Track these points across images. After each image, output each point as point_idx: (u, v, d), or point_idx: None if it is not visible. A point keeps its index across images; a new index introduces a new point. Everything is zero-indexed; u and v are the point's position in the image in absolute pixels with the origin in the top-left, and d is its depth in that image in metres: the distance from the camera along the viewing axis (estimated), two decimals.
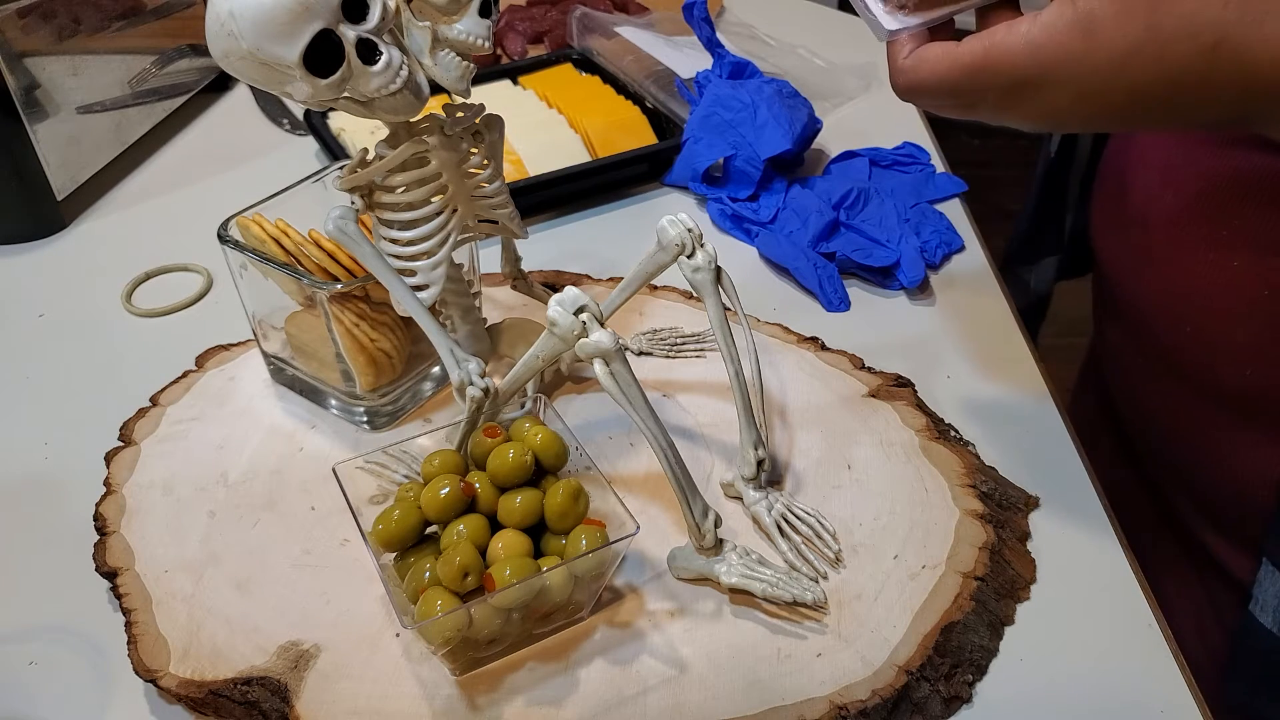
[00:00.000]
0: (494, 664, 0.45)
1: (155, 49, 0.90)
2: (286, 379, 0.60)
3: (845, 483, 0.53)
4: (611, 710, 0.43)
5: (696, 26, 0.82)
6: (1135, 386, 0.65)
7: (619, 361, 0.44)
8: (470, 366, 0.51)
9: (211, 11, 0.42)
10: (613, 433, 0.57)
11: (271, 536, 0.51)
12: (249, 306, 0.58)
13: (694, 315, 0.66)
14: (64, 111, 0.79)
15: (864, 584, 0.48)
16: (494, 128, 0.53)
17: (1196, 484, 0.62)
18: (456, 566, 0.42)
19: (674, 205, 0.81)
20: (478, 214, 0.53)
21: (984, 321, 0.66)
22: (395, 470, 0.51)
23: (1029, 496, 0.53)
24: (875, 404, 0.58)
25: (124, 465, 0.56)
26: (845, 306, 0.68)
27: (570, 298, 0.45)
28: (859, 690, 0.43)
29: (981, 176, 0.91)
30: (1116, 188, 0.63)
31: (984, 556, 0.49)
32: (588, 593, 0.46)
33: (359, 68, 0.44)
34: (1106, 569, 0.50)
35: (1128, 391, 0.67)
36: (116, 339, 0.68)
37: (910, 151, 0.84)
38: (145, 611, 0.47)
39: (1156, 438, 0.64)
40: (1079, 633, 0.47)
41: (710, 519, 0.47)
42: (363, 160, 0.50)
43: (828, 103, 0.93)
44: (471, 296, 0.57)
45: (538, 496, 0.46)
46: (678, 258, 0.51)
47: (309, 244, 0.55)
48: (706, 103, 0.80)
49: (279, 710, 0.43)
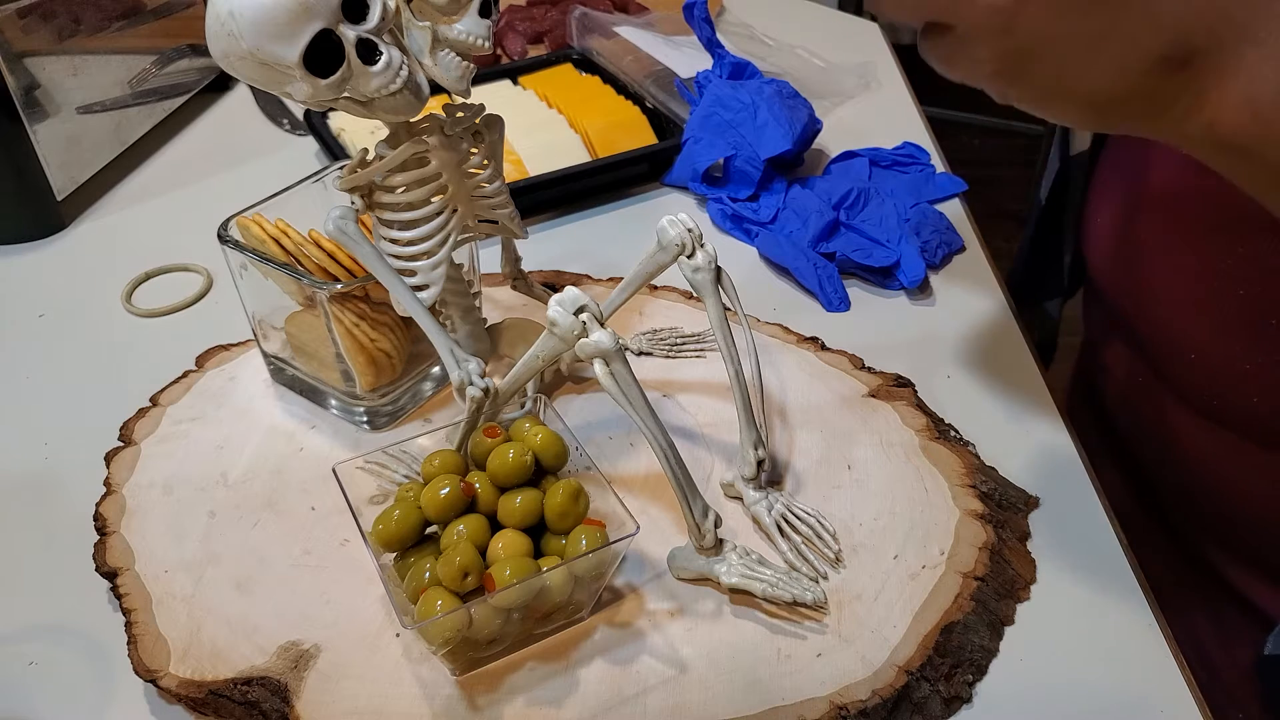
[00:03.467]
0: (494, 664, 0.45)
1: (155, 49, 0.90)
2: (286, 379, 0.60)
3: (845, 483, 0.53)
4: (611, 710, 0.43)
5: (696, 26, 0.82)
6: (1137, 406, 0.65)
7: (619, 361, 0.44)
8: (470, 366, 0.51)
9: (211, 11, 0.42)
10: (613, 433, 0.57)
11: (271, 536, 0.51)
12: (249, 306, 0.58)
13: (694, 315, 0.66)
14: (64, 111, 0.79)
15: (864, 584, 0.48)
16: (494, 128, 0.53)
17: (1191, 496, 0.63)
18: (456, 566, 0.42)
19: (674, 205, 0.81)
20: (478, 214, 0.53)
21: (984, 321, 0.66)
22: (395, 470, 0.51)
23: (1029, 496, 0.53)
24: (875, 404, 0.58)
25: (124, 465, 0.56)
26: (845, 306, 0.68)
27: (570, 298, 0.45)
28: (859, 690, 0.43)
29: (981, 176, 0.92)
30: (1112, 215, 0.63)
31: (984, 556, 0.49)
32: (588, 593, 0.46)
33: (359, 68, 0.44)
34: (1106, 569, 0.50)
35: (1127, 408, 0.67)
36: (116, 339, 0.68)
37: (910, 151, 0.84)
38: (145, 611, 0.47)
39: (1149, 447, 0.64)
40: (1079, 633, 0.47)
41: (710, 519, 0.47)
42: (363, 160, 0.50)
43: (827, 102, 0.93)
44: (471, 296, 0.57)
45: (538, 496, 0.46)
46: (678, 258, 0.51)
47: (309, 244, 0.55)
48: (706, 103, 0.80)
49: (279, 710, 0.43)
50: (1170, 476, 0.64)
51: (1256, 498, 0.57)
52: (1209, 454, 0.58)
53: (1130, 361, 0.63)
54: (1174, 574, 0.65)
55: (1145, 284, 0.59)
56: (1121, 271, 0.62)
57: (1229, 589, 0.62)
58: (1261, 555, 0.59)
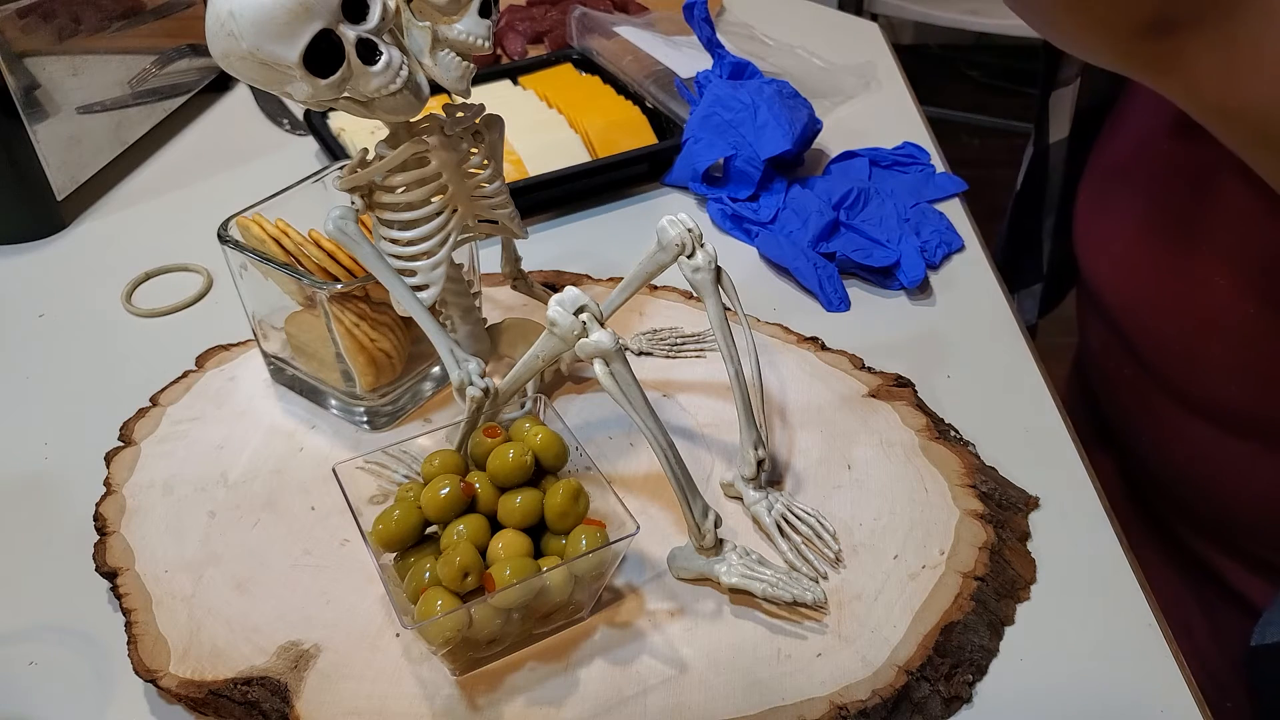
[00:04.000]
0: (494, 664, 0.45)
1: (155, 49, 0.90)
2: (286, 379, 0.60)
3: (845, 483, 0.53)
4: (611, 710, 0.43)
5: (696, 26, 0.82)
6: (1120, 395, 0.65)
7: (619, 361, 0.44)
8: (470, 366, 0.51)
9: (211, 11, 0.42)
10: (613, 433, 0.57)
11: (271, 536, 0.51)
12: (249, 306, 0.58)
13: (694, 315, 0.66)
14: (64, 111, 0.79)
15: (864, 584, 0.48)
16: (494, 128, 0.53)
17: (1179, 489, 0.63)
18: (456, 566, 0.42)
19: (674, 205, 0.81)
20: (478, 214, 0.53)
21: (984, 321, 0.66)
22: (395, 470, 0.51)
23: (1029, 496, 0.53)
24: (875, 404, 0.58)
25: (124, 465, 0.56)
26: (845, 306, 0.68)
27: (570, 298, 0.45)
28: (859, 690, 0.43)
29: (981, 176, 0.92)
30: (1100, 204, 0.63)
31: (984, 556, 0.49)
32: (588, 593, 0.46)
33: (359, 68, 0.44)
34: (1106, 569, 0.50)
35: (1111, 398, 0.67)
36: (116, 339, 0.68)
37: (910, 151, 0.84)
38: (145, 611, 0.47)
39: (1140, 443, 0.65)
40: (1079, 633, 0.47)
41: (710, 519, 0.47)
42: (363, 160, 0.50)
43: (827, 102, 0.93)
44: (471, 296, 0.57)
45: (538, 496, 0.46)
46: (678, 258, 0.51)
47: (309, 244, 0.55)
48: (706, 103, 0.80)
49: (279, 710, 0.43)
50: (1157, 468, 0.64)
51: (1238, 489, 0.57)
52: (1192, 445, 0.59)
53: (1118, 355, 0.63)
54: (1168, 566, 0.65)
55: (1129, 270, 0.60)
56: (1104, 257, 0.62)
57: (1220, 581, 0.62)
58: (1247, 547, 0.60)
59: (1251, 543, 0.59)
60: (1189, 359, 0.56)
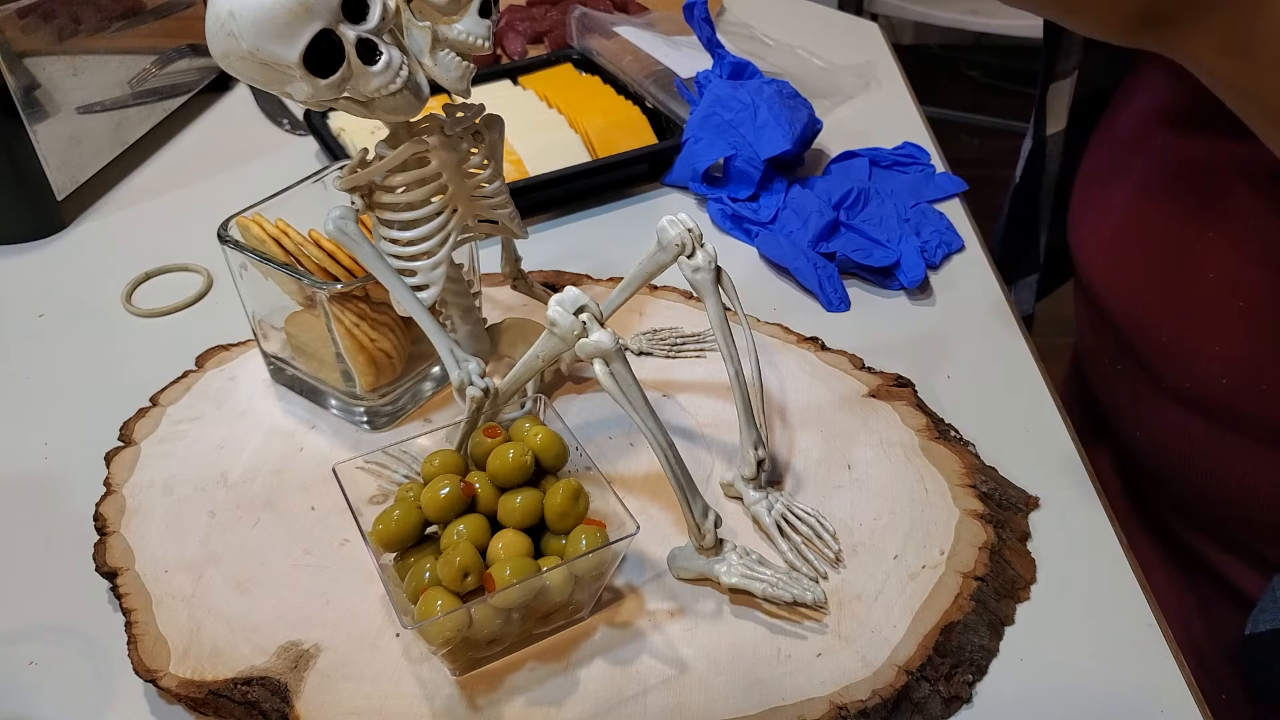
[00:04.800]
0: (494, 664, 0.45)
1: (155, 49, 0.90)
2: (286, 379, 0.60)
3: (845, 483, 0.53)
4: (611, 710, 0.43)
5: (696, 26, 0.82)
6: (1115, 390, 0.65)
7: (619, 361, 0.44)
8: (470, 366, 0.51)
9: (211, 11, 0.42)
10: (613, 433, 0.57)
11: (271, 536, 0.51)
12: (249, 306, 0.58)
13: (694, 315, 0.66)
14: (64, 111, 0.79)
15: (864, 584, 0.48)
16: (494, 128, 0.53)
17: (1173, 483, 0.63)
18: (456, 566, 0.42)
19: (674, 205, 0.81)
20: (478, 214, 0.53)
21: (984, 321, 0.66)
22: (395, 470, 0.51)
23: (1029, 496, 0.53)
24: (875, 404, 0.58)
25: (124, 465, 0.56)
26: (845, 306, 0.68)
27: (570, 298, 0.45)
28: (859, 690, 0.43)
29: (981, 176, 0.92)
30: (1095, 197, 0.63)
31: (984, 556, 0.49)
32: (588, 593, 0.46)
33: (359, 68, 0.44)
34: (1106, 569, 0.50)
35: (1107, 393, 0.67)
36: (116, 339, 0.68)
37: (910, 151, 0.84)
38: (145, 611, 0.47)
39: (1134, 437, 0.65)
40: (1079, 633, 0.47)
41: (710, 519, 0.47)
42: (363, 160, 0.50)
43: (827, 102, 0.93)
44: (471, 296, 0.57)
45: (538, 496, 0.46)
46: (678, 258, 0.51)
47: (309, 244, 0.55)
48: (706, 103, 0.80)
49: (279, 710, 0.43)
50: (1152, 462, 0.64)
51: (1232, 483, 0.57)
52: (1186, 440, 0.59)
53: (1113, 349, 0.63)
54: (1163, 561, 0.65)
55: (1123, 262, 0.60)
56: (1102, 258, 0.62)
57: (1215, 575, 0.62)
58: (1241, 540, 0.60)
59: (1246, 536, 0.59)
60: (1182, 353, 0.56)
